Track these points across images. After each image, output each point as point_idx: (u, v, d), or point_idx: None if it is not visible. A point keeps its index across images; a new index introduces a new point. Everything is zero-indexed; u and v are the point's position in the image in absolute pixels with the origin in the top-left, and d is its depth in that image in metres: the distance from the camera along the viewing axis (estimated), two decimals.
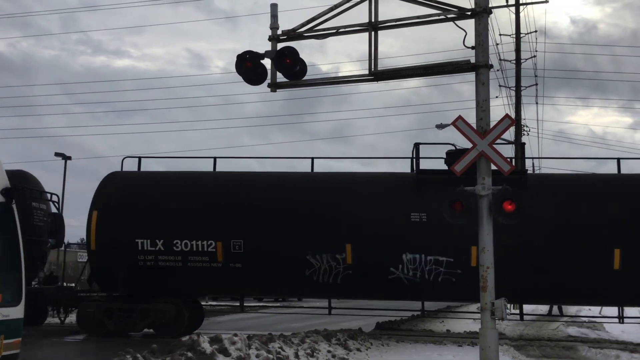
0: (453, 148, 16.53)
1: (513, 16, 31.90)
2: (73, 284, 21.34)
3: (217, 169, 18.29)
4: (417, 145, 16.95)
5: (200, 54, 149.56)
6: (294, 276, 16.24)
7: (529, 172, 16.78)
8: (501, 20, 73.58)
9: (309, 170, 17.94)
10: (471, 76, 10.80)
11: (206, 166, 18.68)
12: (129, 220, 16.79)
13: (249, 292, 18.65)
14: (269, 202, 16.65)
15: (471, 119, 10.85)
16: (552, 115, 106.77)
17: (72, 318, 18.93)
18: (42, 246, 20.23)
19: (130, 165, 18.48)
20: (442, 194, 15.87)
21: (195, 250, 16.35)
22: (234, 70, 11.56)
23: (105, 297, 16.97)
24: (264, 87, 11.88)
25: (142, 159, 18.37)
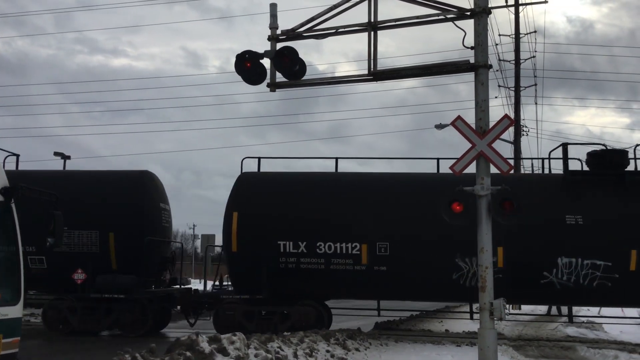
0: (600, 148, 16.40)
1: (511, 16, 31.99)
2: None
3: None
4: (565, 146, 16.68)
5: (196, 53, 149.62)
6: (441, 280, 15.92)
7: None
8: (498, 20, 73.70)
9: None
10: (467, 76, 10.83)
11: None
12: (271, 222, 16.55)
13: (391, 295, 18.02)
14: (417, 203, 16.36)
15: (467, 118, 10.86)
16: (550, 115, 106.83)
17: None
18: (171, 247, 20.41)
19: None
20: (596, 195, 15.97)
21: (339, 253, 16.15)
22: (229, 69, 11.58)
23: (244, 300, 16.71)
24: (260, 86, 11.89)
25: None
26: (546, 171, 18.06)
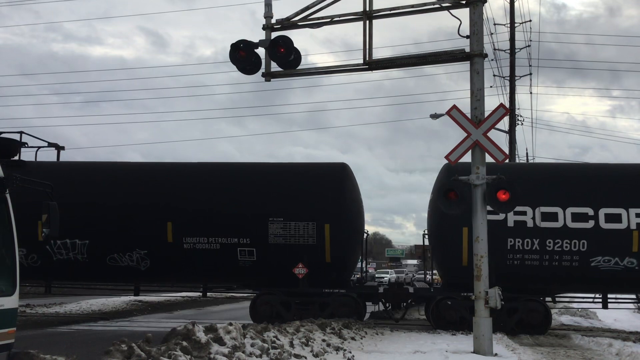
0: None
1: (499, 4, 31.90)
2: None
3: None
4: None
5: (175, 41, 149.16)
6: None
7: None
8: (487, 7, 73.54)
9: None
10: (446, 64, 10.83)
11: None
12: None
13: None
14: None
15: (446, 104, 10.88)
16: (533, 103, 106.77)
17: None
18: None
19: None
20: None
21: None
22: (202, 56, 11.63)
23: None
24: (237, 74, 11.88)
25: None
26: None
